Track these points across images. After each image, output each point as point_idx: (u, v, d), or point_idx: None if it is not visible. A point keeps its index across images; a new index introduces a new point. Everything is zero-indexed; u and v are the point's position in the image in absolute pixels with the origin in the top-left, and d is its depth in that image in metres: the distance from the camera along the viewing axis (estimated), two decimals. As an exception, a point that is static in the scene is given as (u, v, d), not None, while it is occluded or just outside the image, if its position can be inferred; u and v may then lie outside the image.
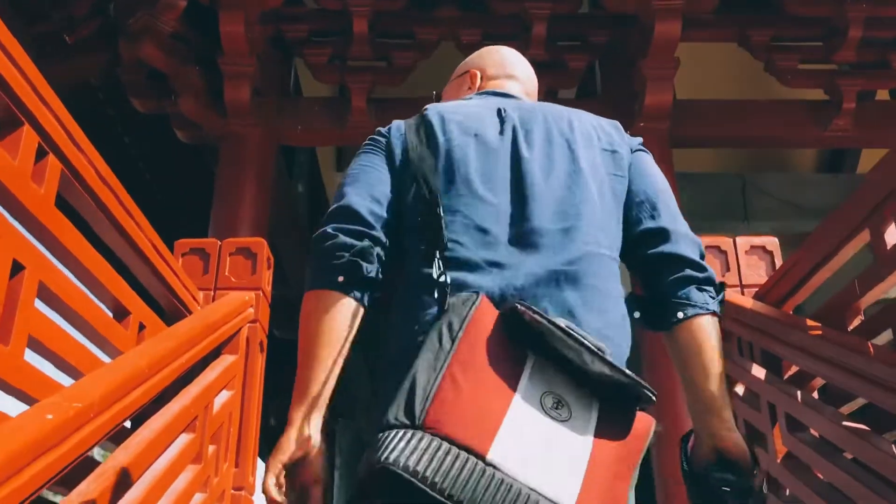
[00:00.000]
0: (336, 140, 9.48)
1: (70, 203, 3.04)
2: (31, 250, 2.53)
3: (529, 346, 1.85)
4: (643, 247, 2.30)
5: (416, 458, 1.60)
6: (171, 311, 4.16)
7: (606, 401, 1.85)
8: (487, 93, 2.63)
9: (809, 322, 3.63)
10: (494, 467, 1.63)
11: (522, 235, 2.14)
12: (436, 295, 1.97)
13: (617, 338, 2.10)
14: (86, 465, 2.80)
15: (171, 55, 7.91)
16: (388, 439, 1.65)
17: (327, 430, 2.05)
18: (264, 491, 1.97)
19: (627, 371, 1.84)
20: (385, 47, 8.41)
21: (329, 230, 2.17)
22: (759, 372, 4.18)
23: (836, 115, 8.15)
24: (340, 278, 2.11)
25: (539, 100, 2.80)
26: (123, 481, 2.84)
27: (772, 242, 4.75)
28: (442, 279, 1.97)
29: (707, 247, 4.68)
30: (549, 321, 1.82)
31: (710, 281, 2.24)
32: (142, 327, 3.57)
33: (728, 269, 4.67)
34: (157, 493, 3.13)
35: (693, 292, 2.19)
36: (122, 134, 10.37)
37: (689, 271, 2.22)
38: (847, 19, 7.82)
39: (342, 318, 2.11)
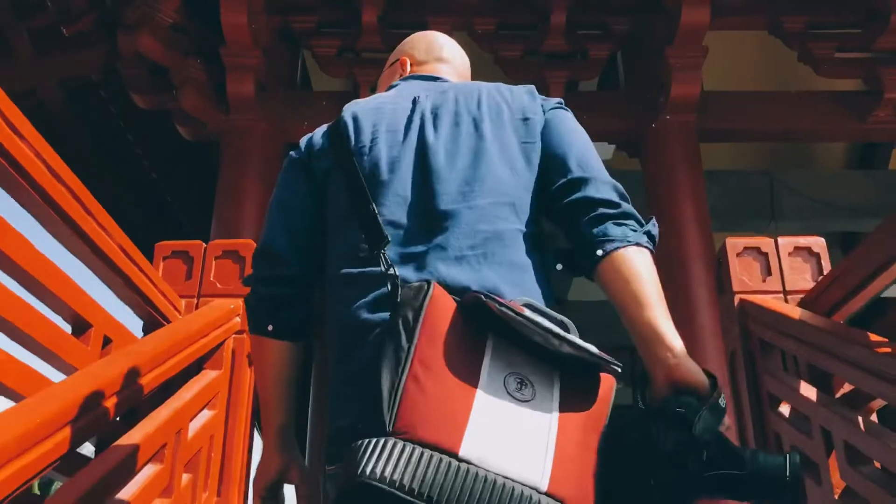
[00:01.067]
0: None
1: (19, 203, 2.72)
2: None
3: (488, 328, 1.86)
4: (557, 200, 2.29)
5: (391, 466, 1.61)
6: (148, 321, 3.80)
7: (568, 370, 1.87)
8: (412, 77, 2.71)
9: (872, 336, 3.20)
10: (469, 463, 1.64)
11: (431, 222, 2.18)
12: (388, 287, 2.00)
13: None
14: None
15: (172, 48, 7.67)
16: (362, 451, 1.65)
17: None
18: None
19: (594, 350, 1.84)
20: (395, 38, 7.96)
21: (254, 282, 2.40)
22: (808, 391, 3.71)
23: (876, 106, 7.77)
24: (270, 327, 2.35)
25: (560, 92, 2.82)
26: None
27: (818, 243, 4.30)
28: (391, 272, 2.02)
29: (746, 248, 4.30)
30: (514, 311, 1.80)
31: (627, 215, 2.21)
32: (108, 341, 3.20)
33: (769, 274, 4.24)
34: (113, 532, 2.74)
35: (610, 228, 2.17)
36: (126, 131, 10.10)
37: (601, 209, 2.20)
38: (889, 3, 7.43)
39: (280, 361, 2.38)
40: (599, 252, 2.14)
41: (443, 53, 2.82)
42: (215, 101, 7.93)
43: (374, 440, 1.65)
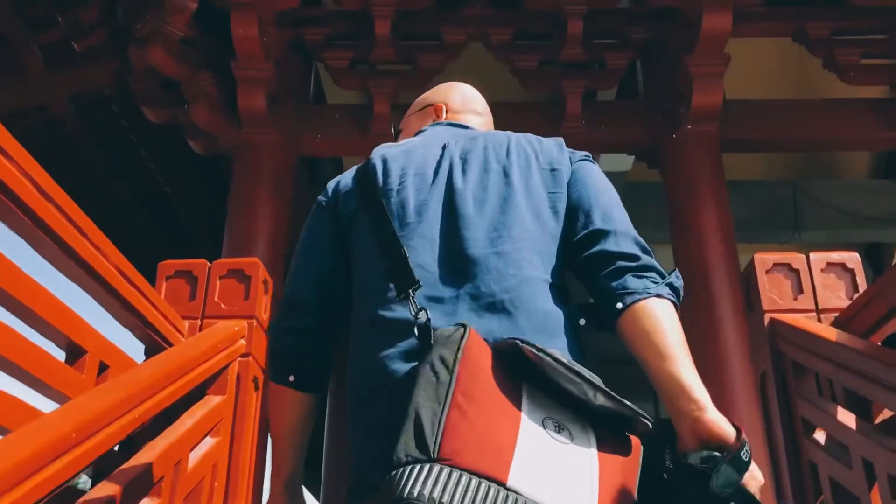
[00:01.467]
0: (358, 149, 8.88)
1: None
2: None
3: (523, 377, 1.89)
4: (579, 253, 2.30)
5: (439, 490, 1.61)
6: (149, 345, 3.65)
7: (601, 426, 1.90)
8: (444, 124, 2.77)
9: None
10: (516, 493, 1.66)
11: (459, 266, 2.20)
12: (416, 332, 2.01)
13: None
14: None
15: (182, 61, 7.54)
16: (406, 475, 1.65)
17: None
18: None
19: (627, 402, 1.87)
20: (410, 50, 7.95)
21: (278, 331, 2.42)
22: (846, 417, 3.52)
23: (904, 113, 7.59)
24: (291, 378, 2.37)
25: (577, 102, 3.31)
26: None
27: (852, 259, 4.12)
28: (421, 317, 2.02)
29: (776, 264, 4.12)
30: (551, 356, 1.83)
31: (647, 268, 2.21)
32: (105, 367, 3.04)
33: (801, 292, 4.06)
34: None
35: (630, 280, 2.17)
36: (138, 146, 10.00)
37: (620, 263, 2.20)
38: (916, 8, 7.25)
39: (298, 411, 2.41)
40: (619, 305, 2.14)
41: (476, 107, 2.88)
42: (227, 114, 7.80)
43: (417, 465, 1.65)
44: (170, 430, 3.28)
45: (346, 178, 2.51)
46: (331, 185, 2.53)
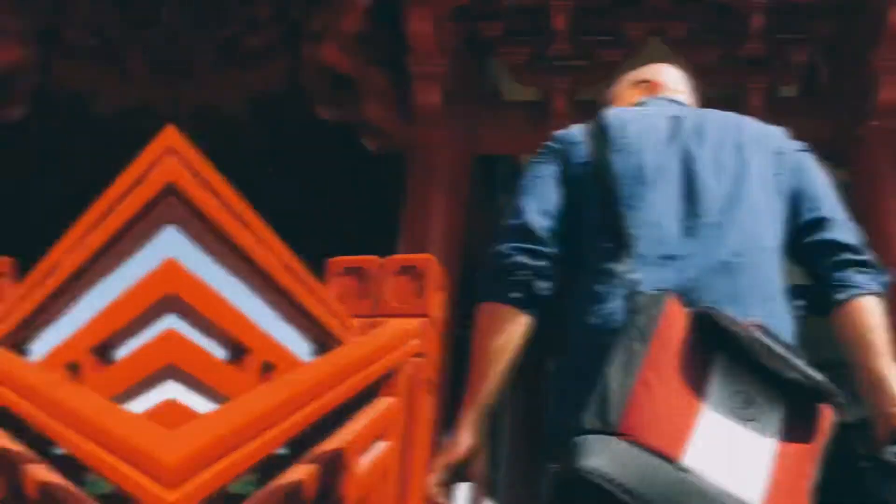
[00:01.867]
0: (534, 147, 8.77)
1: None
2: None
3: (718, 346, 1.94)
4: (803, 236, 2.40)
5: (614, 465, 1.72)
6: (317, 344, 3.56)
7: (793, 398, 1.94)
8: (664, 98, 2.83)
9: None
10: (686, 471, 1.74)
11: (692, 228, 2.28)
12: (624, 292, 2.11)
13: (779, 327, 2.15)
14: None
15: (355, 57, 7.52)
16: (587, 445, 1.76)
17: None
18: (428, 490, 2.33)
19: (821, 378, 1.93)
20: (587, 45, 7.82)
21: (507, 249, 2.38)
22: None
23: None
24: (517, 294, 2.34)
25: (760, 98, 3.68)
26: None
27: None
28: (631, 276, 2.12)
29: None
30: (745, 330, 1.92)
31: (869, 263, 2.32)
32: (269, 367, 2.95)
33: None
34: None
35: (852, 274, 2.28)
36: (308, 144, 10.02)
37: (846, 255, 2.32)
38: None
39: (515, 332, 2.35)
40: (842, 296, 2.26)
41: (685, 87, 2.96)
42: (400, 111, 7.76)
43: (599, 437, 1.78)
44: (338, 434, 3.17)
45: (576, 131, 2.54)
46: (560, 134, 2.57)
